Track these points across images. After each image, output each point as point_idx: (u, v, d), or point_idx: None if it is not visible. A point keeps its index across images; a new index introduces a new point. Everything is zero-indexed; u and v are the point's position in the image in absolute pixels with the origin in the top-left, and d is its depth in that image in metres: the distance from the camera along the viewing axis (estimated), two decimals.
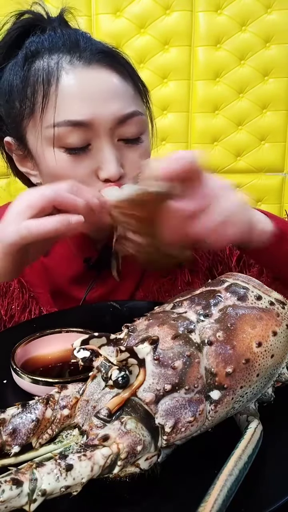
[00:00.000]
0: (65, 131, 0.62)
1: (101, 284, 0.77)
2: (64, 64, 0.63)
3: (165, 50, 1.84)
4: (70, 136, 0.62)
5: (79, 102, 0.62)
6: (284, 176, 1.98)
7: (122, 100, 0.64)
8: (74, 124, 0.62)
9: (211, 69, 1.86)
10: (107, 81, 0.63)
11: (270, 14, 1.81)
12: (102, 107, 0.62)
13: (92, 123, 0.62)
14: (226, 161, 1.96)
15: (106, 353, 0.36)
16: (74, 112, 0.62)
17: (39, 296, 0.77)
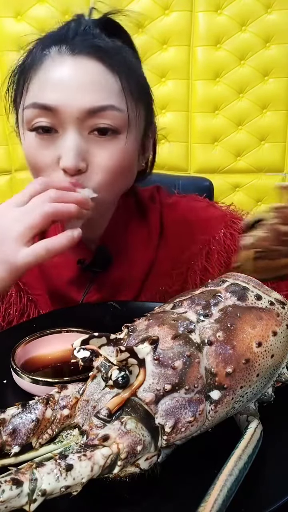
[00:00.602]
0: (32, 114, 0.62)
1: (98, 287, 0.75)
2: (53, 52, 0.64)
3: (164, 50, 1.85)
4: (37, 120, 0.62)
5: (50, 87, 0.62)
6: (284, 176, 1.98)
7: (98, 92, 0.62)
8: (40, 107, 0.61)
9: (210, 69, 1.86)
10: (88, 71, 0.62)
11: (270, 14, 1.81)
12: (73, 95, 0.61)
13: (58, 109, 0.61)
14: (226, 161, 1.96)
15: (106, 353, 0.36)
16: (42, 96, 0.62)
17: (38, 299, 0.76)
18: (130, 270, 0.76)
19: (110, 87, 0.63)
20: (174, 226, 0.79)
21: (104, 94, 0.62)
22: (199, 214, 0.81)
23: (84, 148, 0.62)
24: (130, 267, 0.76)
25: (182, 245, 0.78)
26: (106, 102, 0.62)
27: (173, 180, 1.35)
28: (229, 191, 1.99)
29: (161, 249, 0.78)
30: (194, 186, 1.36)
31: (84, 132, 0.62)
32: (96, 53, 0.63)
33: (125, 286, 0.76)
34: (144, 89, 0.71)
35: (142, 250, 0.77)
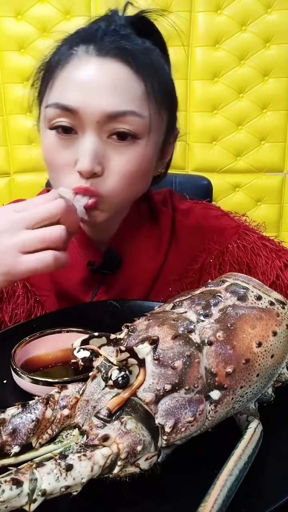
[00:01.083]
0: (54, 113, 0.62)
1: (106, 290, 0.75)
2: (80, 51, 0.63)
3: None
4: (58, 119, 0.62)
5: (73, 87, 0.61)
6: (284, 176, 1.98)
7: (121, 96, 0.61)
8: (61, 107, 0.61)
9: (209, 69, 1.86)
10: (113, 74, 0.61)
11: (270, 14, 1.81)
12: (94, 97, 0.60)
13: (79, 111, 0.60)
14: (225, 161, 1.96)
15: (106, 353, 0.36)
16: (65, 96, 0.61)
17: (45, 300, 0.76)
18: (139, 273, 0.76)
19: (133, 92, 0.62)
20: (187, 232, 0.79)
21: (126, 98, 0.61)
22: (213, 223, 0.80)
23: (101, 152, 0.62)
24: (139, 270, 0.76)
25: (194, 252, 0.77)
26: (127, 108, 0.61)
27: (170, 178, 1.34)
28: (229, 191, 1.98)
29: (172, 254, 0.78)
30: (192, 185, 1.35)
31: (103, 136, 0.62)
32: (123, 56, 0.62)
33: (133, 289, 0.76)
34: (170, 93, 0.70)
35: (152, 254, 0.77)
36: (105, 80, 0.61)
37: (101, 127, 0.61)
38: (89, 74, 0.61)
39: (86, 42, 0.63)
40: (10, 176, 1.92)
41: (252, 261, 0.75)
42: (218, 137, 1.93)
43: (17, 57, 1.78)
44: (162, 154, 0.72)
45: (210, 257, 0.76)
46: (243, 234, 0.78)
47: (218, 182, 1.88)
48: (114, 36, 0.63)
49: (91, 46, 0.62)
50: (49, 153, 0.65)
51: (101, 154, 0.61)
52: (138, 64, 0.62)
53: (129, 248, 0.76)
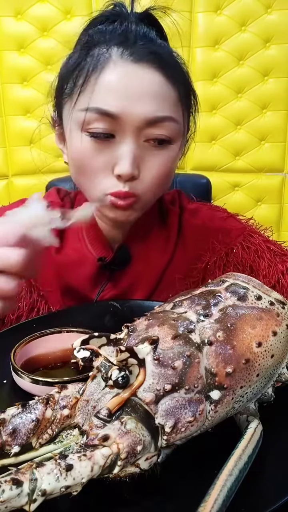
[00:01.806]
0: (93, 118, 0.62)
1: (113, 286, 0.76)
2: (114, 56, 0.63)
3: None
4: (96, 123, 0.63)
5: (114, 93, 0.62)
6: (284, 176, 1.98)
7: (159, 102, 0.63)
8: (102, 113, 0.62)
9: (209, 69, 1.86)
10: (149, 80, 0.63)
11: (270, 14, 1.81)
12: (135, 104, 0.61)
13: (120, 116, 0.61)
14: (224, 160, 1.96)
15: (106, 353, 0.36)
16: (106, 102, 0.62)
17: (49, 295, 0.76)
18: (147, 270, 0.77)
19: (169, 98, 0.64)
20: (193, 232, 0.80)
21: (164, 105, 0.63)
22: (219, 224, 0.81)
23: (139, 156, 0.64)
24: (147, 267, 0.77)
25: (199, 251, 0.79)
26: (166, 113, 0.63)
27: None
28: (228, 190, 1.99)
29: (178, 252, 0.79)
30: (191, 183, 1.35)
31: (140, 140, 0.64)
32: (157, 62, 0.63)
33: (139, 286, 0.77)
34: (192, 97, 0.72)
35: (160, 252, 0.78)
36: (143, 87, 0.62)
37: (139, 132, 0.63)
38: (128, 80, 0.62)
39: (120, 45, 0.64)
40: (8, 179, 1.91)
41: (255, 263, 0.76)
42: (217, 137, 1.94)
43: (17, 57, 1.78)
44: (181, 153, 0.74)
45: (214, 257, 0.77)
46: (248, 236, 0.79)
47: (217, 181, 1.88)
48: (145, 41, 0.65)
49: (126, 50, 0.64)
50: (83, 157, 0.65)
51: (138, 157, 0.64)
52: (170, 70, 0.64)
53: (139, 245, 0.77)
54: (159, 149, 0.65)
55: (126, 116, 0.61)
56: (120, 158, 0.63)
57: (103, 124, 0.62)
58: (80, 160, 0.66)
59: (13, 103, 1.80)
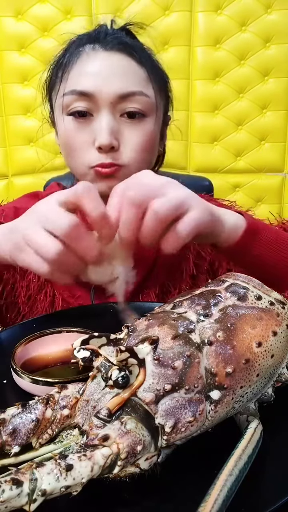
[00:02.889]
0: (71, 99, 0.71)
1: None
2: (87, 49, 0.73)
3: (165, 50, 1.84)
4: (75, 104, 0.71)
5: (87, 76, 0.70)
6: (284, 176, 1.98)
7: (128, 79, 0.70)
8: (78, 93, 0.70)
9: (210, 69, 1.86)
10: (118, 62, 0.71)
11: (270, 14, 1.81)
12: (107, 82, 0.69)
13: (94, 94, 0.69)
14: (226, 161, 1.96)
15: (106, 353, 0.36)
16: (81, 83, 0.70)
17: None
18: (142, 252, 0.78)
19: (138, 76, 0.72)
20: None
21: (134, 81, 0.71)
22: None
23: (116, 128, 0.71)
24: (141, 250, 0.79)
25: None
26: (136, 88, 0.70)
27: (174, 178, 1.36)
28: (229, 191, 1.98)
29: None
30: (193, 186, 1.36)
31: (116, 115, 0.71)
32: (126, 49, 0.72)
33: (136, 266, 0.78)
34: (165, 82, 0.80)
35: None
36: (113, 68, 0.71)
37: (114, 107, 0.70)
38: (99, 64, 0.71)
39: (92, 41, 0.73)
40: (8, 179, 1.91)
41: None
42: (219, 137, 1.93)
43: (17, 57, 1.78)
44: (161, 136, 0.81)
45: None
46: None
47: (219, 182, 1.88)
48: (115, 35, 0.74)
49: (97, 44, 0.72)
50: (68, 136, 0.73)
51: (116, 130, 0.70)
52: (139, 55, 0.73)
53: None
54: (135, 122, 0.71)
55: (99, 93, 0.69)
56: (99, 132, 0.69)
57: (80, 103, 0.70)
58: (65, 139, 0.74)
59: (14, 102, 1.80)
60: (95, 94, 0.69)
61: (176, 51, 1.84)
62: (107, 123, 0.69)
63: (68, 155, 0.75)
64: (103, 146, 0.69)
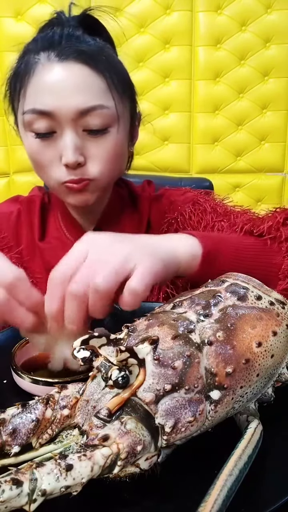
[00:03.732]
0: (31, 118, 0.69)
1: None
2: (42, 60, 0.69)
3: (166, 49, 1.85)
4: (36, 123, 0.69)
5: (45, 93, 0.68)
6: (284, 176, 1.98)
7: (87, 93, 0.68)
8: (38, 112, 0.68)
9: (211, 69, 1.86)
10: (75, 75, 0.68)
11: (270, 14, 1.81)
12: (65, 99, 0.67)
13: (55, 113, 0.67)
14: (226, 161, 1.96)
15: (106, 353, 0.36)
16: (39, 102, 0.68)
17: (39, 281, 0.80)
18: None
19: (97, 88, 0.69)
20: (159, 214, 0.86)
21: (93, 94, 0.68)
22: (175, 198, 0.88)
23: (81, 144, 0.69)
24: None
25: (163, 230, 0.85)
26: (95, 102, 0.68)
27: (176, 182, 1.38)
28: (229, 191, 1.99)
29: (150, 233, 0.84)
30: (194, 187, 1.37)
31: (79, 130, 0.69)
32: (82, 57, 0.69)
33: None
34: (127, 82, 0.76)
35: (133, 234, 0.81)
36: (71, 82, 0.68)
37: (75, 123, 0.68)
38: (56, 78, 0.68)
39: (46, 49, 0.70)
40: (10, 177, 1.92)
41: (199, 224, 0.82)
42: (219, 138, 1.94)
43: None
44: (131, 137, 0.80)
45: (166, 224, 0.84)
46: (196, 201, 0.85)
47: (219, 182, 1.88)
48: (70, 41, 0.70)
49: (52, 52, 0.69)
50: (34, 154, 0.72)
51: (80, 146, 0.69)
52: (96, 63, 0.69)
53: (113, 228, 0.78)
54: (98, 137, 0.70)
55: (59, 112, 0.67)
56: (64, 149, 0.69)
57: (42, 123, 0.69)
58: (31, 156, 0.73)
59: None
60: (55, 112, 0.67)
61: (178, 51, 1.84)
62: (70, 141, 0.68)
63: (37, 170, 0.75)
64: (69, 164, 0.69)
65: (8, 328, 0.66)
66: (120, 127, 0.72)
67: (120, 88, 0.72)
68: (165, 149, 1.91)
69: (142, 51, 1.84)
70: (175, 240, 0.60)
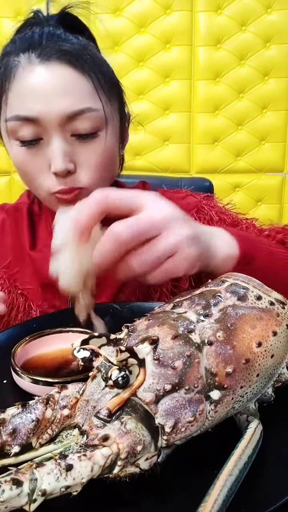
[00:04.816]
0: (16, 125, 0.65)
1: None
2: (23, 62, 0.65)
3: (167, 49, 1.85)
4: (21, 130, 0.65)
5: (29, 98, 0.64)
6: (284, 176, 1.98)
7: (73, 96, 0.64)
8: (22, 119, 0.64)
9: (211, 69, 1.86)
10: (60, 77, 0.64)
11: (270, 14, 1.81)
12: (51, 103, 0.63)
13: (40, 119, 0.63)
14: (226, 161, 1.96)
15: (106, 353, 0.36)
16: (23, 107, 0.64)
17: (29, 292, 0.77)
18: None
19: (83, 90, 0.65)
20: None
21: (79, 97, 0.64)
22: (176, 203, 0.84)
23: (70, 151, 0.65)
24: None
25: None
26: (83, 105, 0.64)
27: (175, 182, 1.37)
28: (229, 191, 1.99)
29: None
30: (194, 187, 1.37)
31: (67, 135, 0.65)
32: (65, 58, 0.64)
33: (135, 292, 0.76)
34: (114, 82, 0.72)
35: None
36: (56, 85, 0.63)
37: (63, 128, 0.64)
38: (39, 81, 0.64)
39: (26, 50, 0.65)
40: (10, 175, 1.92)
41: None
42: (219, 138, 1.94)
43: None
44: (122, 139, 0.76)
45: None
46: (201, 208, 0.81)
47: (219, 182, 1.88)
48: (51, 40, 0.66)
49: (32, 54, 0.65)
50: (20, 163, 0.68)
51: (70, 152, 0.65)
52: (81, 63, 0.65)
53: None
54: (88, 142, 0.66)
55: (45, 117, 0.63)
56: (52, 157, 0.64)
57: (27, 130, 0.64)
58: (18, 166, 0.69)
59: None
60: (40, 118, 0.63)
61: (178, 51, 1.84)
62: (59, 147, 0.64)
63: (25, 180, 0.71)
64: (59, 172, 0.65)
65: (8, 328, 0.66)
66: (109, 130, 0.68)
67: (107, 89, 0.68)
68: (165, 149, 1.92)
69: (142, 51, 1.84)
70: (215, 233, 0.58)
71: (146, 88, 1.86)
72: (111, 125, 0.69)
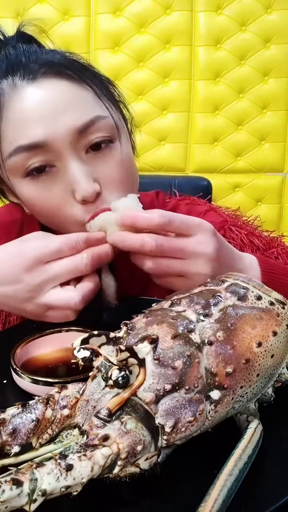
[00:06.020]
0: (20, 159, 0.57)
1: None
2: (6, 88, 0.58)
3: (167, 49, 1.85)
4: (27, 163, 0.57)
5: (28, 124, 0.56)
6: (284, 176, 1.98)
7: (77, 108, 0.58)
8: (27, 148, 0.56)
9: (211, 69, 1.86)
10: (56, 93, 0.57)
11: (270, 14, 1.82)
12: (56, 122, 0.56)
13: (48, 142, 0.56)
14: (226, 161, 1.96)
15: (106, 352, 0.36)
16: (25, 136, 0.56)
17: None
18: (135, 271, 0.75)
19: (86, 99, 0.59)
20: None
21: (84, 108, 0.59)
22: None
23: (90, 170, 0.59)
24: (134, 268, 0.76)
25: None
26: (91, 115, 0.58)
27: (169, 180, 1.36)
28: (229, 191, 1.99)
29: None
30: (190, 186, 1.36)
31: (82, 154, 0.59)
32: (53, 70, 0.58)
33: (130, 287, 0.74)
34: (108, 87, 0.67)
35: None
36: (55, 101, 0.57)
37: (75, 146, 0.58)
38: (34, 102, 0.57)
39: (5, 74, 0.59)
40: None
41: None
42: (219, 138, 1.94)
43: None
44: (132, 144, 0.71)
45: None
46: (228, 230, 0.78)
47: (218, 182, 1.88)
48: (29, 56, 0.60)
49: (15, 76, 0.58)
50: (36, 201, 0.60)
51: (91, 171, 0.59)
52: (73, 72, 0.59)
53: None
54: (105, 153, 0.60)
55: (53, 139, 0.56)
56: (75, 183, 0.57)
57: (35, 159, 0.57)
58: (34, 205, 0.61)
59: None
60: (48, 141, 0.56)
61: (178, 51, 1.84)
62: (79, 169, 0.57)
63: (50, 220, 0.63)
64: (88, 197, 0.57)
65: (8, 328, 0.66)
66: (122, 138, 0.63)
67: (107, 95, 0.63)
68: (161, 149, 1.91)
69: (142, 51, 1.84)
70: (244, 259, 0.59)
71: (145, 88, 1.86)
72: (122, 131, 0.64)
